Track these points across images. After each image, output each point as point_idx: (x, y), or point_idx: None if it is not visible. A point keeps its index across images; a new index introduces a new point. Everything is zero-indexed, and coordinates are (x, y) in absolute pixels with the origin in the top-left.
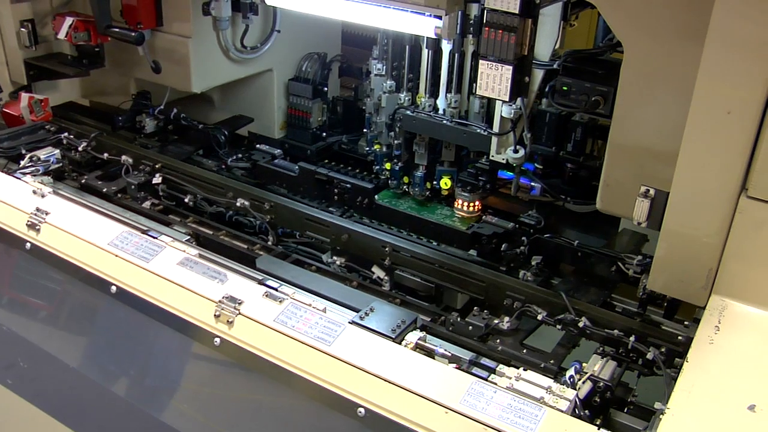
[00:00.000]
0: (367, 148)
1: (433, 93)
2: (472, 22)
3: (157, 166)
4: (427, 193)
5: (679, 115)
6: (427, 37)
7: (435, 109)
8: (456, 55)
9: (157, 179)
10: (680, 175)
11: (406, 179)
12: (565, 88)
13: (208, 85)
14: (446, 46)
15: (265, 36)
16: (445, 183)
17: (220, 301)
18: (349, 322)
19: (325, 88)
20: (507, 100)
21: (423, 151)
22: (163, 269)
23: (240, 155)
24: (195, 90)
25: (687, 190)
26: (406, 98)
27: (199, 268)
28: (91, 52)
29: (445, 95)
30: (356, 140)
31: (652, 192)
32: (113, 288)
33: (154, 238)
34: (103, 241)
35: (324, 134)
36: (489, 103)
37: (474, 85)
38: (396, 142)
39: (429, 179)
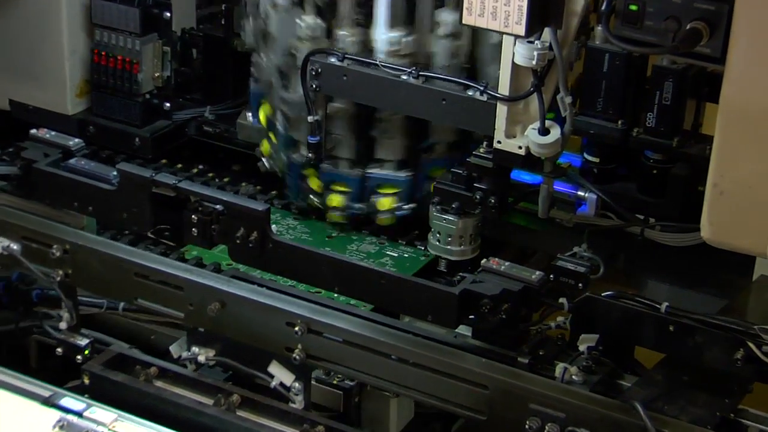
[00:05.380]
0: (253, 119)
1: (362, 21)
2: None
3: None
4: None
5: None
6: None
7: (367, 49)
8: None
9: None
10: None
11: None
12: (634, 6)
13: None
14: None
15: None
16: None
17: None
18: None
19: (167, 14)
20: (523, 34)
21: (345, 133)
22: None
23: None
24: None
25: None
26: (315, 26)
27: None
28: None
29: (385, 27)
30: (232, 116)
31: None
32: None
33: None
34: None
35: (167, 105)
36: (475, 42)
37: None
38: (313, 118)
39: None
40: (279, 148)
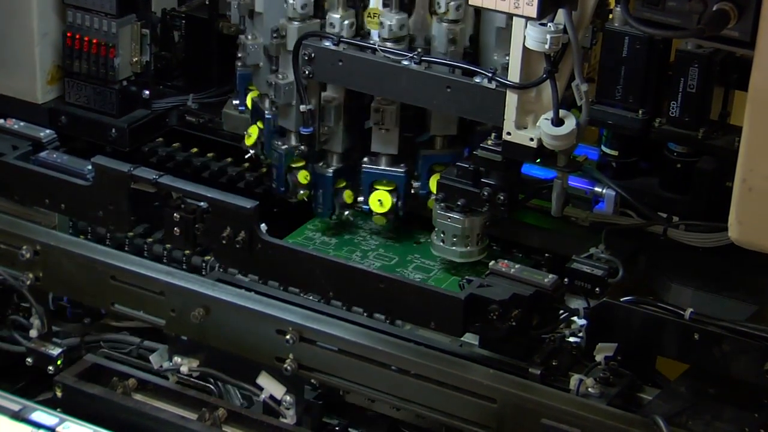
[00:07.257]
0: (240, 107)
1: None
2: None
3: None
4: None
5: None
6: None
7: (359, 34)
8: None
9: None
10: None
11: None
12: None
13: None
14: None
15: None
16: (379, 202)
17: None
18: None
19: None
20: (534, 15)
21: (335, 125)
22: None
23: None
24: None
25: None
26: (304, 3)
27: None
28: None
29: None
30: (218, 105)
31: None
32: None
33: None
34: None
35: (146, 93)
36: (479, 27)
37: None
38: (306, 107)
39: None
40: (266, 136)
